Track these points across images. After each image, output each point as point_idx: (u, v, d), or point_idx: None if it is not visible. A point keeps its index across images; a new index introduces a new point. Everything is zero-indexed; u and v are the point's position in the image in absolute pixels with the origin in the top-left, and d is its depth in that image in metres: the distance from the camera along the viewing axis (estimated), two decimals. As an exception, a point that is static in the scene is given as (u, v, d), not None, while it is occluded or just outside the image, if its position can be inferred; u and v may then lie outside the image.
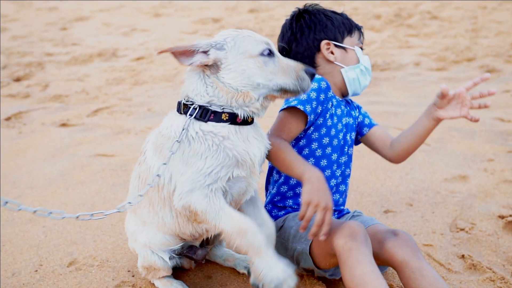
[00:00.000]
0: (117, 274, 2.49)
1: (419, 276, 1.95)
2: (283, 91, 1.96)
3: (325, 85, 2.21)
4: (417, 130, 2.35)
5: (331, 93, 2.27)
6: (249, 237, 1.88)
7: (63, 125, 4.57)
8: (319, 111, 2.22)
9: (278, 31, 2.51)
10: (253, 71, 1.92)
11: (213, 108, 1.95)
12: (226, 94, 1.93)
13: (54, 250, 2.71)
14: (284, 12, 8.87)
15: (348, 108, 2.43)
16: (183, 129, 1.92)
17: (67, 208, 3.12)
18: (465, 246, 2.65)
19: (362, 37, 2.44)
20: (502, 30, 7.39)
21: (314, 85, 2.19)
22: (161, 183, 2.01)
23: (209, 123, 1.95)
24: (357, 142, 2.55)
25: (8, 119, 4.76)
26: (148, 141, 2.14)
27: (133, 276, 2.47)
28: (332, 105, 2.30)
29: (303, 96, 2.15)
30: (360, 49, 2.41)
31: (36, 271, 2.54)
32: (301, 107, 2.16)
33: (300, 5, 2.47)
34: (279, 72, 1.95)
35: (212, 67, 1.94)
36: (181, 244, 2.24)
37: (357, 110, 2.49)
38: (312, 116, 2.20)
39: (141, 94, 5.40)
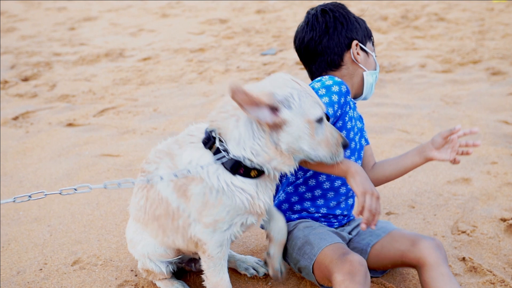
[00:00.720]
0: (120, 274, 2.52)
1: (448, 281, 2.03)
2: (318, 160, 1.94)
3: (345, 89, 2.19)
4: (404, 163, 2.37)
5: (349, 97, 2.27)
6: None
7: (70, 125, 4.61)
8: (338, 114, 2.21)
9: (284, 33, 2.51)
10: (305, 137, 1.85)
11: (246, 162, 1.88)
12: (270, 153, 1.85)
13: (58, 249, 2.75)
14: (291, 13, 8.87)
15: (358, 114, 2.44)
16: (202, 167, 1.89)
17: (72, 207, 3.16)
18: (466, 248, 2.66)
19: (374, 47, 2.48)
20: (509, 32, 7.36)
21: (335, 88, 2.16)
22: (177, 214, 2.02)
23: (238, 177, 1.91)
24: None
25: (15, 118, 4.81)
26: (152, 161, 2.08)
27: (135, 275, 2.50)
28: (349, 108, 2.30)
29: (325, 99, 2.12)
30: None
31: (41, 269, 2.58)
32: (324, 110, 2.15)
33: (307, 6, 2.47)
34: (323, 142, 1.89)
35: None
36: (179, 257, 2.28)
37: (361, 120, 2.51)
38: (333, 118, 2.20)
39: (147, 94, 5.44)
